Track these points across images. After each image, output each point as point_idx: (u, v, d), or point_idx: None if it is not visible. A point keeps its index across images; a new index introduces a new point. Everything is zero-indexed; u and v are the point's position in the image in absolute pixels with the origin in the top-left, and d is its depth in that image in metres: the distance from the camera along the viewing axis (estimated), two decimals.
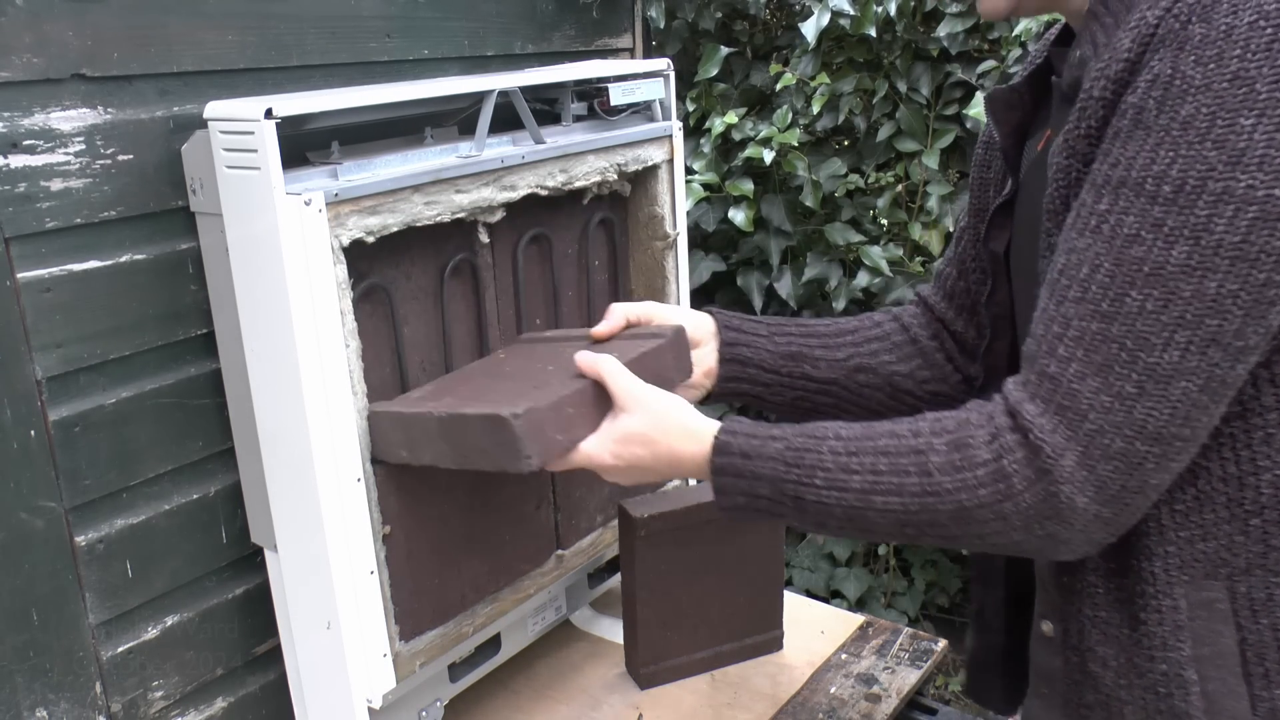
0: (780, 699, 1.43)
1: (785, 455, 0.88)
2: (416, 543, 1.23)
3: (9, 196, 1.05)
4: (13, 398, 1.08)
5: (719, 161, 2.28)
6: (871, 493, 0.84)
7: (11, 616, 1.11)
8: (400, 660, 1.22)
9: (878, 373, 1.18)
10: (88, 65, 1.10)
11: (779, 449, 0.89)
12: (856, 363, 1.18)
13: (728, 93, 2.35)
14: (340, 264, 1.09)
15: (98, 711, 1.20)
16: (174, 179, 1.18)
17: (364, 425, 1.15)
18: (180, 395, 1.24)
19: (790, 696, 1.44)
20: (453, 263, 1.30)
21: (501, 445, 0.99)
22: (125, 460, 1.19)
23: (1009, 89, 1.02)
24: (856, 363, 1.18)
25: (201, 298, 1.23)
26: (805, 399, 1.19)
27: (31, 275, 1.08)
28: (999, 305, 1.08)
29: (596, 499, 1.49)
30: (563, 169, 1.33)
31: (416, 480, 1.21)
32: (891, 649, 1.54)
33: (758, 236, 2.28)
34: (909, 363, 1.19)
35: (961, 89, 2.15)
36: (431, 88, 1.22)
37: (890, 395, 1.19)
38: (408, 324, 1.27)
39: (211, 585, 1.32)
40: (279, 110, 1.04)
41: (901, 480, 0.83)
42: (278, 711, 1.40)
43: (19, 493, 1.10)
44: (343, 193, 1.08)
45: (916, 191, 2.24)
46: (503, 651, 1.43)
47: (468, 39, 1.51)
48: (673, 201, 1.52)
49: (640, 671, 1.46)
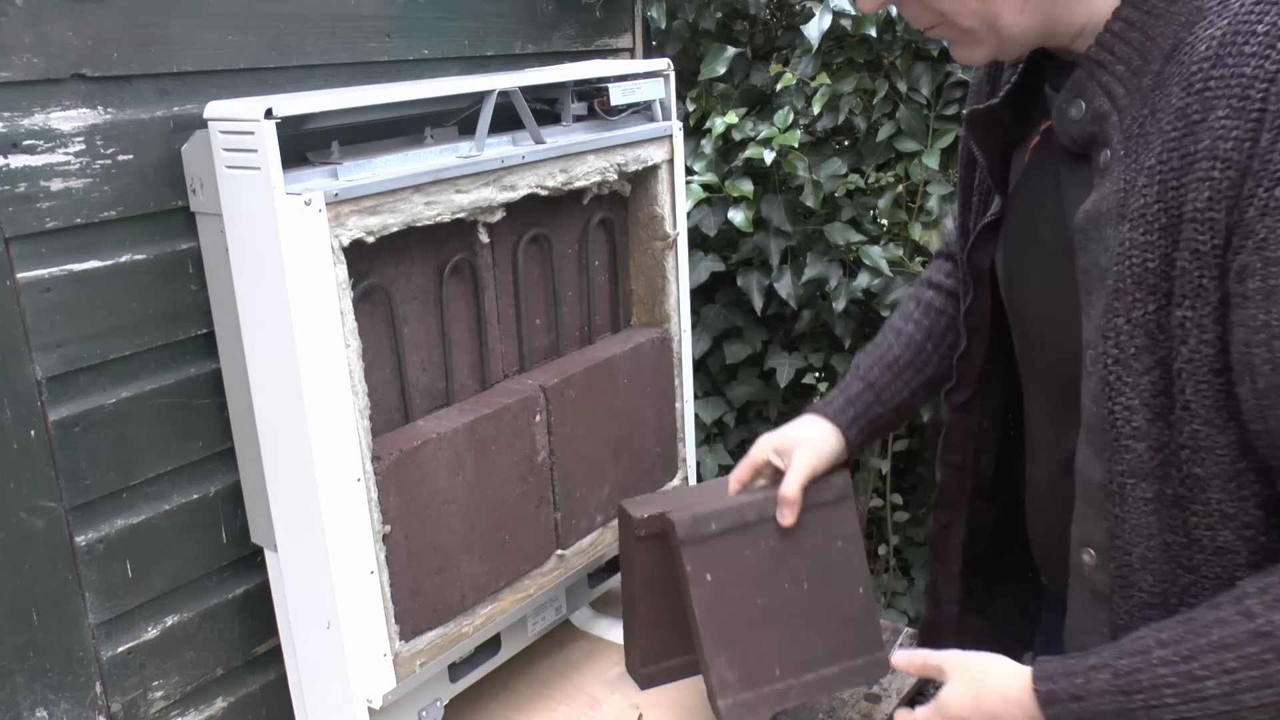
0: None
1: (1118, 684, 0.83)
2: (416, 543, 1.23)
3: (9, 196, 1.05)
4: (13, 398, 1.08)
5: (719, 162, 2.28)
6: (1236, 693, 0.79)
7: (11, 616, 1.11)
8: (400, 660, 1.22)
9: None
10: (88, 65, 1.10)
11: (1106, 680, 0.83)
12: (944, 367, 1.24)
13: (728, 93, 2.35)
14: (340, 264, 1.09)
15: (98, 711, 1.20)
16: (174, 179, 1.18)
17: (365, 425, 1.15)
18: (180, 395, 1.24)
19: None
20: (452, 263, 1.30)
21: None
22: (125, 460, 1.19)
23: (987, 110, 1.01)
24: (944, 367, 1.24)
25: (201, 298, 1.23)
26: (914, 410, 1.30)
27: (31, 275, 1.08)
28: (978, 316, 1.10)
29: (596, 499, 1.49)
30: (563, 169, 1.33)
31: (416, 480, 1.22)
32: (891, 649, 1.54)
33: (758, 236, 2.28)
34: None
35: (961, 89, 2.14)
36: (431, 88, 1.22)
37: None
38: (407, 324, 1.27)
39: (211, 585, 1.32)
40: (279, 110, 1.04)
41: (1265, 671, 0.78)
42: (278, 711, 1.40)
43: (19, 493, 1.10)
44: (343, 193, 1.08)
45: (917, 191, 2.24)
46: (503, 651, 1.43)
47: (468, 39, 1.51)
48: (673, 201, 1.52)
49: (640, 671, 1.46)
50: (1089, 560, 0.90)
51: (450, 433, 1.25)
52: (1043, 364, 1.01)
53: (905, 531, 2.70)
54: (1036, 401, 1.05)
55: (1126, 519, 0.86)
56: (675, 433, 1.63)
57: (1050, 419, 1.01)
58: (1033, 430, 1.06)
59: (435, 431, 1.24)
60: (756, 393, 2.48)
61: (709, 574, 1.22)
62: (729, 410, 2.50)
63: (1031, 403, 1.06)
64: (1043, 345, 1.00)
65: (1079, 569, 0.92)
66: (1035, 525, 1.09)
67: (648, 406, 1.56)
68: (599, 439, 1.47)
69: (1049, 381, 1.00)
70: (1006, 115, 1.01)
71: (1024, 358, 1.06)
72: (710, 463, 2.45)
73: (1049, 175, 0.95)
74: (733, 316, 2.43)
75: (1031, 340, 1.03)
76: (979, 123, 1.02)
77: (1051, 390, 0.99)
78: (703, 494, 1.41)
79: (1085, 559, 0.91)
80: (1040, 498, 1.07)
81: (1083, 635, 0.93)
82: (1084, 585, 0.92)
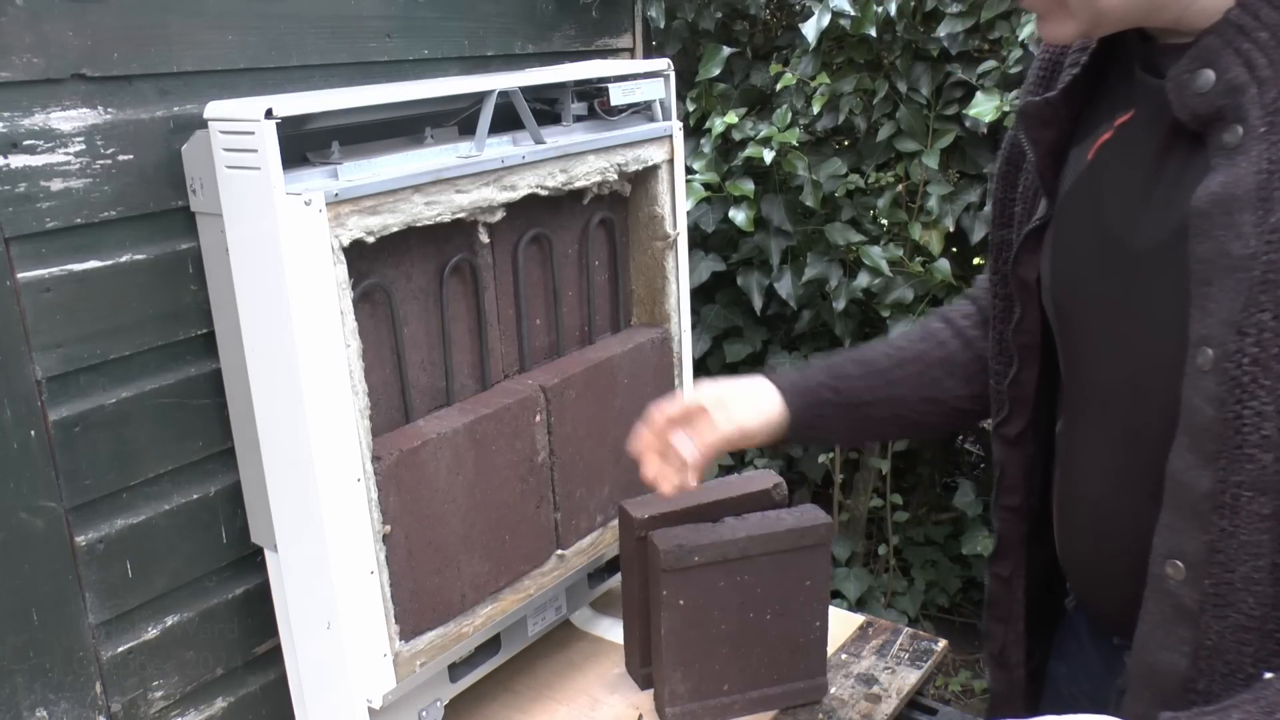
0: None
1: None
2: (416, 543, 1.23)
3: (9, 196, 1.05)
4: (13, 398, 1.08)
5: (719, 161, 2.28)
6: None
7: (11, 616, 1.11)
8: (400, 660, 1.22)
9: (941, 401, 1.15)
10: (88, 65, 1.10)
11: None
12: (922, 395, 1.16)
13: (728, 93, 2.35)
14: (340, 264, 1.09)
15: (98, 711, 1.20)
16: (174, 179, 1.18)
17: (365, 425, 1.15)
18: (180, 395, 1.24)
19: None
20: (452, 263, 1.30)
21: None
22: (125, 460, 1.19)
23: (1044, 103, 0.93)
24: (922, 395, 1.16)
25: (201, 298, 1.23)
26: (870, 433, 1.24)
27: (31, 275, 1.08)
28: (1028, 334, 1.01)
29: (596, 499, 1.49)
30: (563, 169, 1.33)
31: (416, 480, 1.22)
32: (891, 649, 1.54)
33: (758, 236, 2.28)
34: (972, 384, 1.14)
35: (962, 89, 2.14)
36: (431, 88, 1.22)
37: (959, 416, 1.17)
38: (408, 324, 1.27)
39: (211, 585, 1.32)
40: (279, 110, 1.04)
41: None
42: (278, 711, 1.40)
43: (19, 493, 1.09)
44: (343, 193, 1.08)
45: (916, 191, 2.24)
46: (503, 651, 1.43)
47: (468, 39, 1.51)
48: (673, 201, 1.52)
49: (640, 671, 1.46)
50: (1175, 574, 0.82)
51: (450, 433, 1.25)
52: (1110, 375, 0.91)
53: (905, 531, 2.70)
54: (1093, 418, 0.95)
55: (1235, 534, 0.78)
56: None
57: (1110, 434, 0.92)
58: (1079, 448, 0.97)
59: (435, 431, 1.24)
60: None
61: (682, 599, 1.32)
62: None
63: (1084, 420, 0.96)
64: (1113, 354, 0.91)
65: (1160, 582, 0.83)
66: (1076, 545, 1.00)
67: (648, 406, 1.55)
68: (599, 439, 1.47)
69: (1118, 393, 0.90)
70: (1064, 110, 0.93)
71: (1079, 372, 0.96)
72: None
73: (1134, 165, 0.87)
74: (733, 316, 2.43)
75: (1095, 351, 0.93)
76: (1034, 117, 0.94)
77: (1119, 402, 0.90)
78: (702, 494, 1.41)
79: (1170, 572, 0.82)
80: (1085, 516, 0.97)
81: (1156, 654, 0.84)
82: (1164, 600, 0.83)
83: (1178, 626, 0.82)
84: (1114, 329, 0.89)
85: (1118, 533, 0.91)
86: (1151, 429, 0.84)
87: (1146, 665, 0.85)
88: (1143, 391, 0.86)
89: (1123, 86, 0.89)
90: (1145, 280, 0.84)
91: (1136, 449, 0.87)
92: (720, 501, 1.40)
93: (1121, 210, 0.87)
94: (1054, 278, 0.96)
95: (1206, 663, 0.80)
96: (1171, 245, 0.80)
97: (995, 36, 2.09)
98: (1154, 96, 0.83)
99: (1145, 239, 0.84)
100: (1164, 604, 0.83)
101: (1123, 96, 0.89)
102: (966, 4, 2.05)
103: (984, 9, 2.03)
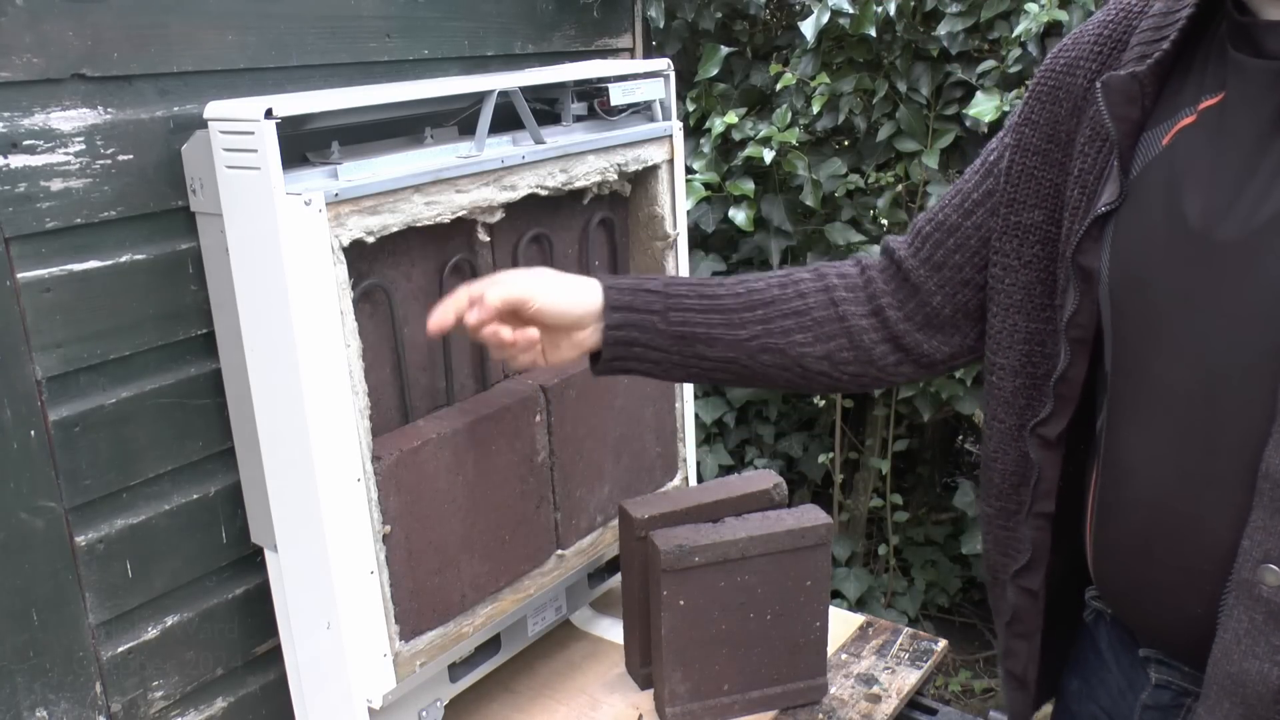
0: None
1: None
2: (416, 543, 1.23)
3: (9, 196, 1.05)
4: (13, 398, 1.08)
5: (719, 161, 2.28)
6: None
7: (11, 616, 1.11)
8: (400, 660, 1.22)
9: (786, 354, 1.07)
10: (88, 65, 1.10)
11: None
12: (761, 344, 1.06)
13: (728, 93, 2.35)
14: (340, 264, 1.09)
15: (98, 711, 1.20)
16: (174, 179, 1.18)
17: (365, 425, 1.15)
18: (180, 395, 1.24)
19: None
20: (452, 263, 1.30)
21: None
22: (125, 460, 1.19)
23: (1130, 77, 0.86)
24: (761, 344, 1.06)
25: (201, 298, 1.23)
26: (700, 374, 1.10)
27: (31, 275, 1.08)
28: (1082, 328, 0.92)
29: (596, 499, 1.49)
30: (563, 169, 1.33)
31: (416, 480, 1.22)
32: (891, 649, 1.54)
33: (758, 236, 2.28)
34: (827, 344, 1.07)
35: (961, 89, 2.15)
36: (431, 88, 1.22)
37: (801, 375, 1.09)
38: (408, 324, 1.27)
39: (211, 585, 1.32)
40: (279, 110, 1.04)
41: None
42: (278, 711, 1.40)
43: (19, 493, 1.09)
44: (343, 193, 1.08)
45: (916, 191, 2.24)
46: (503, 651, 1.43)
47: (468, 39, 1.51)
48: (673, 201, 1.52)
49: (640, 671, 1.46)
50: (1270, 579, 0.77)
51: (450, 433, 1.25)
52: (1179, 373, 0.85)
53: (905, 531, 2.70)
54: (1152, 417, 0.88)
55: None
56: (675, 433, 1.63)
57: (1175, 433, 0.86)
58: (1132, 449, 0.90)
59: (435, 431, 1.24)
60: (756, 393, 2.48)
61: (682, 600, 1.33)
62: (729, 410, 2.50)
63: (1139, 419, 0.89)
64: (1184, 350, 0.84)
65: (1249, 588, 0.79)
66: (1120, 550, 0.93)
67: (648, 406, 1.56)
68: (599, 439, 1.47)
69: (1188, 391, 0.84)
70: (1151, 88, 0.86)
71: (1137, 369, 0.89)
72: (710, 463, 2.45)
73: (1223, 151, 0.82)
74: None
75: (1160, 347, 0.86)
76: (1119, 92, 0.86)
77: (1189, 400, 0.84)
78: (702, 494, 1.41)
79: (1265, 578, 0.77)
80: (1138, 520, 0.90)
81: (1242, 663, 0.79)
82: (1255, 607, 0.78)
83: (1271, 634, 0.78)
84: (1187, 324, 0.83)
85: (1180, 534, 0.85)
86: (1232, 428, 0.80)
87: (1229, 675, 0.80)
88: (1220, 389, 0.81)
89: (1211, 68, 0.84)
90: (1233, 272, 0.79)
91: (1210, 449, 0.82)
92: (720, 501, 1.40)
93: (1206, 199, 0.81)
94: (1117, 271, 0.89)
95: None
96: (1270, 233, 0.76)
97: (995, 36, 2.09)
98: (1254, 77, 0.79)
99: (1235, 228, 0.79)
100: (1254, 610, 0.79)
101: (1211, 79, 0.83)
102: (966, 4, 2.05)
103: (984, 9, 2.03)
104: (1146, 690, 0.94)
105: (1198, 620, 0.84)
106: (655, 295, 1.07)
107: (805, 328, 1.07)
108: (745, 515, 1.37)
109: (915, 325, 1.07)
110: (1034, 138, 0.96)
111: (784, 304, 1.07)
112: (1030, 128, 0.97)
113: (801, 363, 1.08)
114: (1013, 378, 1.01)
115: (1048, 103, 0.95)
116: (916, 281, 1.06)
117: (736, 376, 1.11)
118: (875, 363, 1.08)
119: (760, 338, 1.06)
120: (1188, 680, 0.91)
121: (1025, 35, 1.96)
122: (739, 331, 1.06)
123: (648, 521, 1.36)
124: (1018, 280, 0.99)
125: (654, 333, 1.06)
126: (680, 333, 1.06)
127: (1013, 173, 0.98)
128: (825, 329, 1.07)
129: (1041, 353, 0.99)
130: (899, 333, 1.07)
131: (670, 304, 1.06)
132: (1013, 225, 0.98)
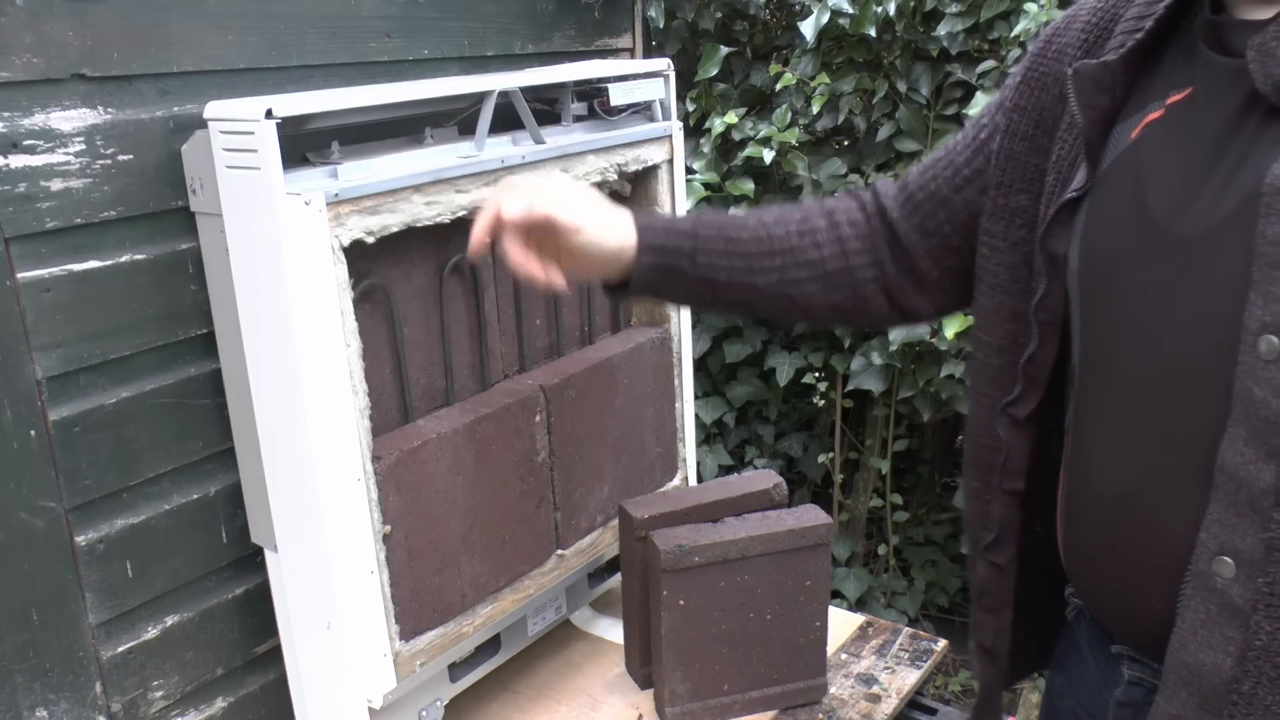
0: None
1: None
2: (416, 542, 1.23)
3: (9, 196, 1.05)
4: (13, 398, 1.08)
5: (719, 161, 2.28)
6: None
7: (11, 616, 1.11)
8: (400, 660, 1.22)
9: (796, 301, 1.10)
10: (88, 65, 1.10)
11: None
12: (776, 291, 1.10)
13: (728, 93, 2.35)
14: (340, 264, 1.09)
15: (98, 711, 1.20)
16: (174, 179, 1.18)
17: (365, 425, 1.15)
18: (180, 395, 1.24)
19: None
20: (452, 263, 1.30)
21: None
22: (125, 460, 1.19)
23: (1101, 65, 0.87)
24: (776, 291, 1.10)
25: (201, 298, 1.23)
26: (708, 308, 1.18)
27: (31, 275, 1.08)
28: (1050, 311, 0.94)
29: (596, 499, 1.49)
30: (563, 169, 1.33)
31: (416, 480, 1.22)
32: (891, 649, 1.54)
33: None
34: (834, 294, 1.10)
35: (961, 89, 2.15)
36: (431, 88, 1.22)
37: (801, 313, 1.14)
38: (408, 324, 1.27)
39: (211, 585, 1.32)
40: (279, 110, 1.04)
41: None
42: (278, 711, 1.40)
43: (19, 493, 1.10)
44: (343, 193, 1.08)
45: None
46: (503, 651, 1.43)
47: (468, 39, 1.51)
48: (673, 201, 1.52)
49: (640, 671, 1.46)
50: (1224, 571, 0.78)
51: (450, 433, 1.25)
52: (1140, 365, 0.85)
53: (905, 531, 2.70)
54: (1114, 409, 0.89)
55: None
56: (675, 433, 1.63)
57: (1136, 426, 0.87)
58: (1095, 442, 0.91)
59: (435, 431, 1.24)
60: (756, 393, 2.48)
61: (682, 600, 1.33)
62: (729, 410, 2.50)
63: (1102, 412, 0.90)
64: (1146, 343, 0.85)
65: (1205, 580, 0.80)
66: (1086, 544, 0.94)
67: (648, 406, 1.56)
68: (599, 439, 1.47)
69: (1149, 384, 0.85)
70: (1122, 78, 0.87)
71: (1101, 360, 0.91)
72: (710, 463, 2.45)
73: (1187, 146, 0.82)
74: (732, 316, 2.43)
75: (1123, 339, 0.87)
76: (1089, 80, 0.88)
77: (1150, 393, 0.85)
78: (702, 494, 1.41)
79: (1218, 569, 0.78)
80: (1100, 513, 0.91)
81: (1197, 654, 0.80)
82: (1210, 599, 0.79)
83: (1224, 626, 0.79)
84: (1150, 317, 0.84)
85: (1141, 529, 0.86)
86: (1190, 422, 0.81)
87: (1186, 665, 0.81)
88: (1180, 382, 0.82)
89: (1180, 63, 0.85)
90: (1192, 267, 0.80)
91: (1169, 442, 0.83)
92: (720, 501, 1.40)
93: (1168, 193, 0.83)
94: (1085, 260, 0.90)
95: (1254, 664, 0.77)
96: (1226, 229, 0.77)
97: (995, 36, 2.09)
98: (1220, 74, 0.80)
99: (1195, 223, 0.80)
100: (1209, 602, 0.79)
101: (1180, 74, 0.84)
102: (966, 4, 2.05)
103: (983, 9, 2.03)
104: (1120, 687, 0.95)
105: (1161, 616, 0.84)
106: (685, 236, 1.09)
107: (817, 279, 1.10)
108: (745, 515, 1.38)
109: (906, 282, 1.11)
110: (1022, 123, 0.98)
111: (800, 254, 1.10)
112: (1019, 113, 0.98)
113: (805, 306, 1.12)
114: (998, 355, 1.03)
115: (1037, 89, 0.97)
116: (908, 245, 1.09)
117: (740, 312, 1.16)
118: (869, 312, 1.13)
119: (776, 286, 1.10)
120: (1157, 677, 0.91)
121: (1025, 35, 1.96)
122: (757, 279, 1.09)
123: (648, 521, 1.36)
124: (1004, 261, 1.01)
125: (680, 274, 1.09)
126: (704, 277, 1.09)
127: (1002, 156, 1.00)
128: (835, 280, 1.11)
129: (1026, 333, 1.00)
130: (894, 287, 1.11)
131: (699, 245, 1.09)
132: (1000, 208, 1.00)
